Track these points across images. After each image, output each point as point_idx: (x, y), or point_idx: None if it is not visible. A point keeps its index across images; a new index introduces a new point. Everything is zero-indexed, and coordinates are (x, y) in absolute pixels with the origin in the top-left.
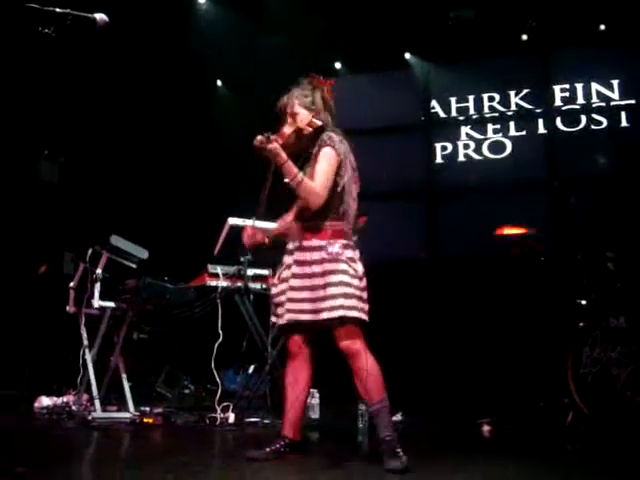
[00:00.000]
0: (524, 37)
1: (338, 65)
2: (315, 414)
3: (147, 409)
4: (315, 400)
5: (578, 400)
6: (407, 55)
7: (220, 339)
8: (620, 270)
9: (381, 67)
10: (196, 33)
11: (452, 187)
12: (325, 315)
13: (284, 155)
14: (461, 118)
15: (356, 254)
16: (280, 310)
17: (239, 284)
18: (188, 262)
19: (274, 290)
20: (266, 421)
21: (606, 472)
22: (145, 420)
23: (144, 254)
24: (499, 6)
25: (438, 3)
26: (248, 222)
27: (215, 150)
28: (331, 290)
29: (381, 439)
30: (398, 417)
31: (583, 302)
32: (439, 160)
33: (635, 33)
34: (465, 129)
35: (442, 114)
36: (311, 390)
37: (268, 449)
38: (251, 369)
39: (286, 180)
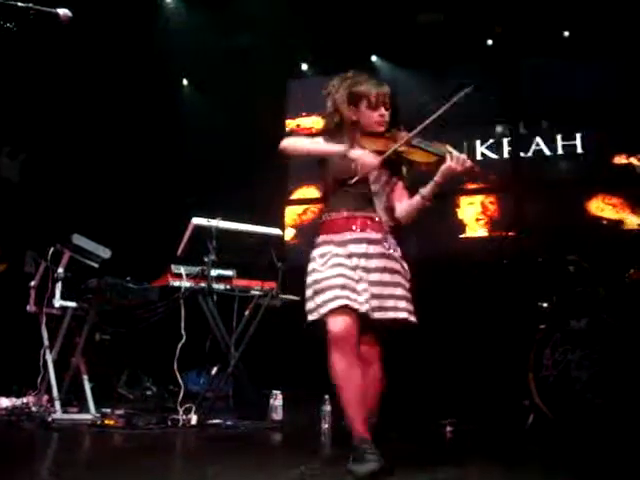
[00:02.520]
0: (489, 42)
1: (305, 66)
2: (278, 416)
3: (108, 410)
4: (278, 402)
5: (539, 402)
6: (374, 58)
7: (183, 340)
8: (581, 273)
9: (348, 69)
10: (162, 31)
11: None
12: (404, 315)
13: None
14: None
15: None
16: (337, 292)
17: (202, 285)
18: (151, 262)
19: (320, 275)
20: (229, 422)
21: (565, 473)
22: (106, 422)
23: (106, 253)
24: (467, 11)
25: (406, 7)
26: (213, 222)
27: (180, 149)
28: (396, 290)
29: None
30: None
31: (545, 305)
32: None
33: (599, 40)
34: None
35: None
36: (275, 392)
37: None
38: (214, 370)
39: (431, 198)
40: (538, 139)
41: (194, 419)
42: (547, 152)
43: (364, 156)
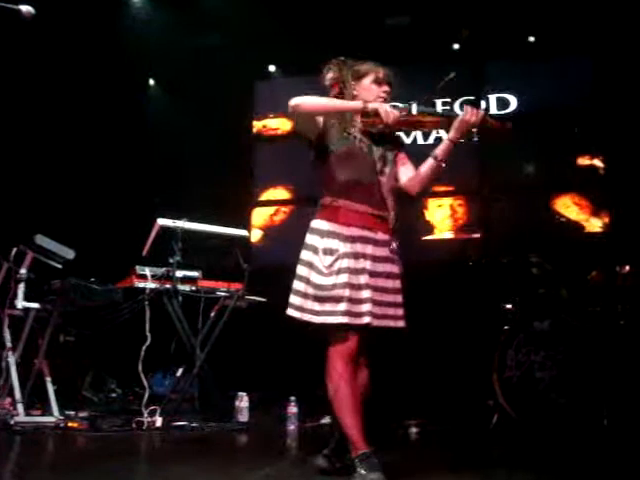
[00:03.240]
0: (456, 46)
1: (272, 68)
2: (244, 417)
3: (72, 413)
4: (244, 403)
5: (503, 402)
6: (342, 59)
7: (148, 342)
8: (544, 275)
9: (315, 71)
10: (128, 30)
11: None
12: (402, 324)
13: None
14: None
15: None
16: (342, 306)
17: (168, 286)
18: (115, 263)
19: (324, 281)
20: (194, 424)
21: (528, 473)
22: (70, 424)
23: (70, 254)
24: (434, 14)
25: (373, 9)
26: (178, 223)
27: (146, 149)
28: (397, 298)
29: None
30: (327, 420)
31: (508, 306)
32: None
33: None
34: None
35: None
36: (240, 394)
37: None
38: (179, 372)
39: (445, 158)
40: None
41: (159, 421)
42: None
43: (384, 106)
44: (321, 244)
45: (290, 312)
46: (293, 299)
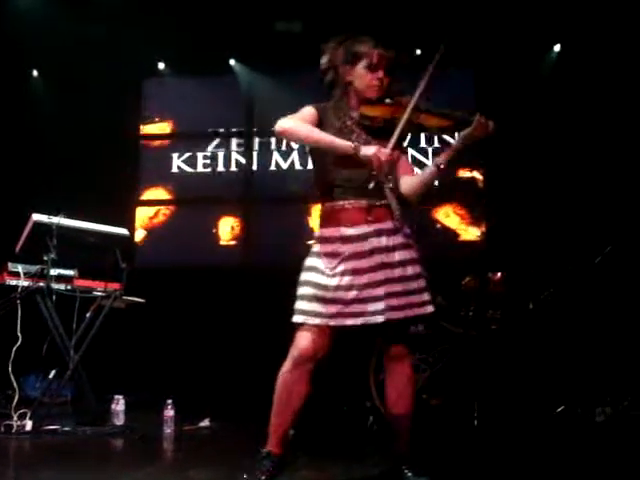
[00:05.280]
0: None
1: (162, 65)
2: (119, 421)
3: None
4: (120, 406)
5: (379, 404)
6: (232, 61)
7: (19, 342)
8: None
9: (206, 71)
10: (11, 17)
11: (268, 196)
12: (422, 310)
13: None
14: None
15: None
16: (348, 309)
17: (41, 284)
18: None
19: (328, 281)
20: (66, 428)
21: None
22: None
23: None
24: (326, 20)
25: (265, 13)
26: (54, 219)
27: (23, 142)
28: (420, 282)
29: (402, 455)
30: (206, 423)
31: None
32: (255, 168)
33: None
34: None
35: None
36: (116, 397)
37: (263, 477)
38: (52, 374)
39: (447, 166)
40: None
41: (29, 425)
42: None
43: (379, 153)
44: (323, 249)
45: (305, 321)
46: (299, 305)
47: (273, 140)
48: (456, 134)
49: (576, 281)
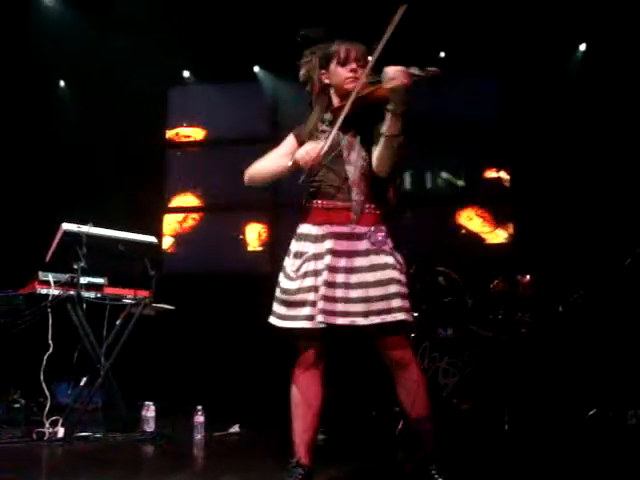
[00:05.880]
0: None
1: (187, 73)
2: (150, 427)
3: None
4: (151, 413)
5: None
6: (256, 68)
7: (50, 350)
8: (449, 284)
9: (230, 78)
10: (39, 30)
11: (295, 201)
12: (390, 317)
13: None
14: None
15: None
16: (306, 310)
17: (72, 292)
18: (17, 268)
19: (290, 285)
20: (97, 435)
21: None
22: None
23: None
24: (349, 27)
25: (288, 19)
26: (83, 228)
27: (52, 152)
28: (388, 289)
29: (429, 456)
30: (236, 429)
31: (415, 314)
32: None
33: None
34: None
35: None
36: (147, 403)
37: None
38: (83, 381)
39: (394, 132)
40: None
41: (61, 432)
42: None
43: (308, 152)
44: (294, 247)
45: (275, 324)
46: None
47: None
48: None
49: (606, 283)
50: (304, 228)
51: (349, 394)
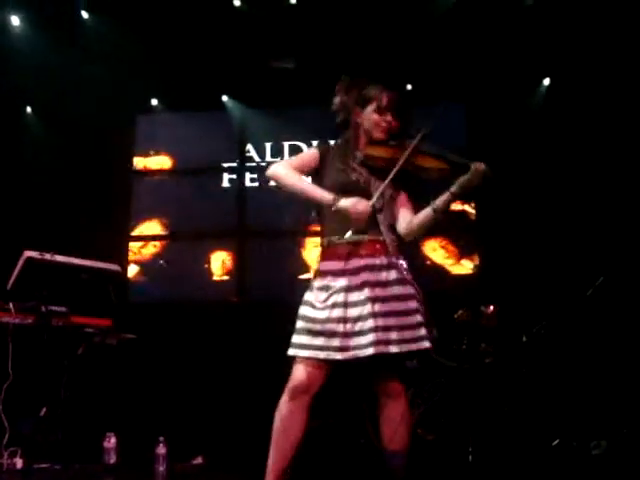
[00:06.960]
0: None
1: (155, 102)
2: (111, 458)
3: None
4: (112, 444)
5: (374, 440)
6: (224, 97)
7: (10, 380)
8: None
9: (198, 107)
10: (5, 55)
11: (262, 229)
12: (416, 346)
13: None
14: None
15: None
16: (336, 341)
17: (32, 321)
18: None
19: (318, 314)
20: (57, 466)
21: None
22: None
23: None
24: (319, 58)
25: (257, 49)
26: (47, 255)
27: (17, 178)
28: (416, 318)
29: None
30: (199, 460)
31: None
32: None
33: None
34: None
35: (257, 158)
36: (108, 434)
37: None
38: (43, 412)
39: (444, 209)
40: None
41: (19, 463)
42: None
43: (356, 205)
44: (317, 284)
45: (297, 354)
46: (293, 338)
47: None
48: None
49: (569, 314)
50: (328, 265)
51: (330, 424)
